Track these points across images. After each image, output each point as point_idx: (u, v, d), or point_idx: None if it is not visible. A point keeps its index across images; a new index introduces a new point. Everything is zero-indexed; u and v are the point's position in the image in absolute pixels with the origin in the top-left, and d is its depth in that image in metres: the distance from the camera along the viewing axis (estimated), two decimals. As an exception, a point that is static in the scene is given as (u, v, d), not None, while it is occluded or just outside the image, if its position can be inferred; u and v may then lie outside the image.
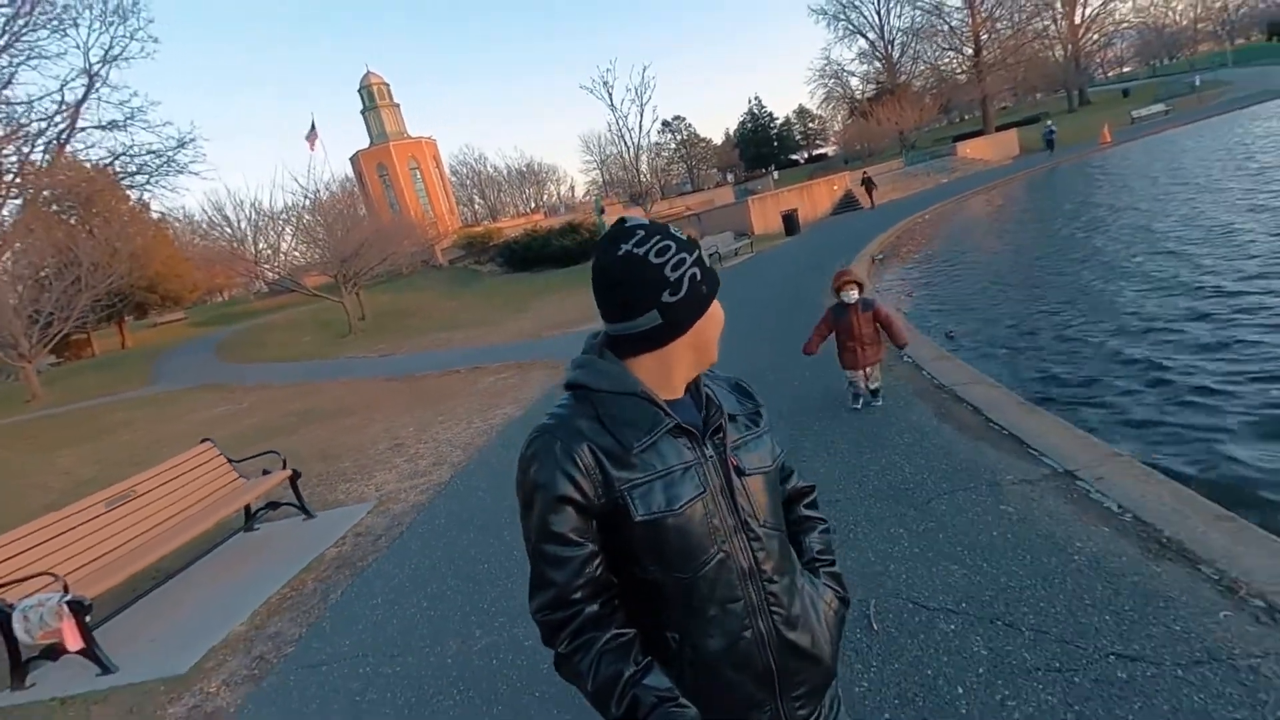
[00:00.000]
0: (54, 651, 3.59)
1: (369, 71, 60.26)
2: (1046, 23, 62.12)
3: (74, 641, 3.51)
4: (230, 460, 5.44)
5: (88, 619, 3.56)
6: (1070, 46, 62.50)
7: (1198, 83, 49.89)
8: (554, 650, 1.05)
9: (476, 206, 77.44)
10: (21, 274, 19.52)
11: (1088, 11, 62.85)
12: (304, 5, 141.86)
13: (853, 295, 4.80)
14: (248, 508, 5.37)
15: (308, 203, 25.77)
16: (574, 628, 1.03)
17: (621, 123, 47.46)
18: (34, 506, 7.68)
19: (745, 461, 1.09)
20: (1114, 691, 2.03)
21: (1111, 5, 63.61)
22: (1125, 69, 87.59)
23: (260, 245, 25.53)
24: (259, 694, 3.17)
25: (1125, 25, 69.20)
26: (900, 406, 4.92)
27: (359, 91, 60.47)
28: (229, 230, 23.86)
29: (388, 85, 61.36)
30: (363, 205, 36.32)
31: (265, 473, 5.39)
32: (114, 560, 4.09)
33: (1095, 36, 65.15)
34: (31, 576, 3.60)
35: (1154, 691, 2.00)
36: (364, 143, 62.33)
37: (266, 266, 25.15)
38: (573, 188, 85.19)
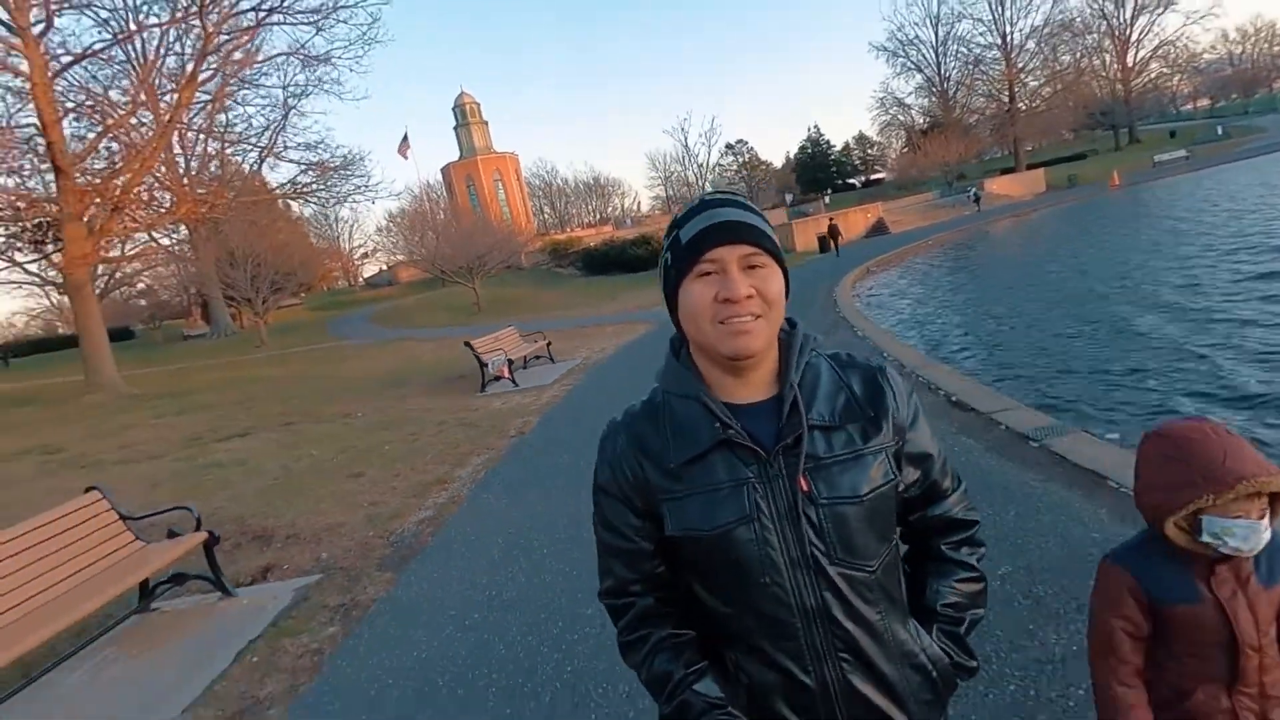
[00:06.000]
0: (498, 379, 9.99)
1: (463, 92, 68.21)
2: (1096, 63, 66.16)
3: (507, 374, 9.93)
4: (521, 336, 11.94)
5: (512, 365, 9.99)
6: (1120, 86, 65.94)
7: (1220, 131, 53.41)
8: (617, 636, 1.07)
9: (546, 216, 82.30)
10: (253, 255, 26.99)
11: (1139, 55, 66.52)
12: (401, 21, 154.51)
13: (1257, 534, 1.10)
14: (525, 358, 11.75)
15: (437, 207, 33.12)
16: (629, 619, 1.04)
17: (693, 160, 54.34)
18: (365, 384, 14.36)
19: (825, 486, 0.92)
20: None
21: (1164, 49, 66.94)
22: (1202, 103, 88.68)
23: (357, 242, 32.15)
24: (581, 383, 9.51)
25: (1176, 71, 71.74)
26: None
27: (452, 110, 68.51)
28: (330, 231, 30.85)
29: (478, 104, 69.17)
30: (468, 212, 43.99)
31: (534, 342, 11.82)
32: (510, 349, 10.56)
33: (1150, 78, 68.22)
34: (493, 350, 10.06)
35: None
36: (449, 154, 69.54)
37: (379, 257, 32.10)
38: (638, 202, 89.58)
